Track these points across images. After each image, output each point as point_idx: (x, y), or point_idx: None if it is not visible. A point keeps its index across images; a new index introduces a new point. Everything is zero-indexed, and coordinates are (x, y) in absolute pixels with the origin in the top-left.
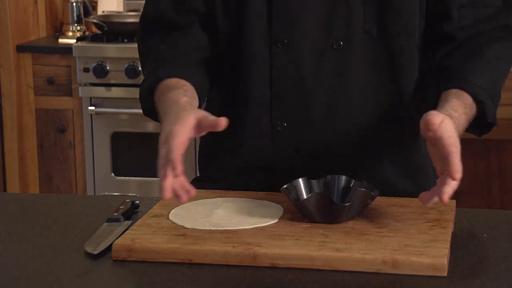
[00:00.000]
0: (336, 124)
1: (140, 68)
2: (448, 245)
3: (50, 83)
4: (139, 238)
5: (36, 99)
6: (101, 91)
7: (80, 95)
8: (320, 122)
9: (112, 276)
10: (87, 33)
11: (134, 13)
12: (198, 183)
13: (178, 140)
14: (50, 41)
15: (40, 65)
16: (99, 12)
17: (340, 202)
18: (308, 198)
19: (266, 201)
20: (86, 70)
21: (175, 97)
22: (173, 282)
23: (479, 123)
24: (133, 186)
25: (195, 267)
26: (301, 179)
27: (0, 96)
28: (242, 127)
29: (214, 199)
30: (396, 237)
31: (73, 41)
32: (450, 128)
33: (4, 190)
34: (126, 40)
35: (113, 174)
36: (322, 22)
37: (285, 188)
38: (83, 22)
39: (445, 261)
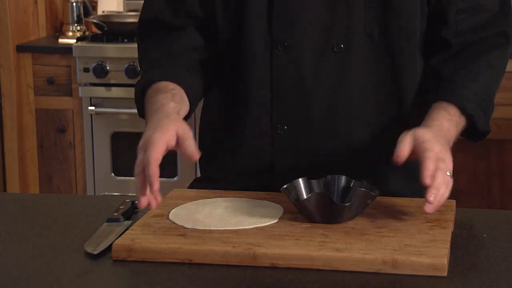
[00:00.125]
0: (336, 126)
1: (139, 69)
2: (448, 245)
3: (50, 83)
4: (139, 238)
5: (36, 99)
6: (101, 91)
7: (80, 95)
8: (320, 123)
9: (112, 276)
10: (87, 33)
11: (134, 13)
12: (199, 183)
13: (155, 152)
14: (50, 41)
15: (40, 65)
16: (99, 12)
17: (340, 202)
18: (308, 198)
19: (266, 201)
20: (86, 70)
21: (162, 101)
22: (173, 282)
23: (472, 131)
24: (133, 186)
25: (195, 267)
26: (301, 179)
27: (0, 96)
28: (242, 127)
29: (214, 199)
30: (396, 237)
31: (73, 41)
32: (423, 135)
33: (4, 190)
34: (126, 40)
35: (113, 174)
36: (322, 24)
37: (285, 188)
38: (83, 22)
39: (445, 261)
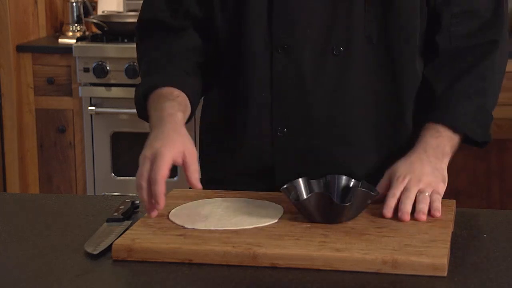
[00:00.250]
0: (336, 127)
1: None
2: (448, 245)
3: (50, 83)
4: (139, 238)
5: (36, 99)
6: (101, 91)
7: (80, 95)
8: (320, 125)
9: (112, 276)
10: (87, 33)
11: (134, 13)
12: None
13: (163, 169)
14: (50, 41)
15: (40, 65)
16: (99, 12)
17: (340, 202)
18: (308, 198)
19: (266, 201)
20: (86, 70)
21: (169, 109)
22: (173, 282)
23: (472, 141)
24: (133, 186)
25: (195, 267)
26: (301, 179)
27: (0, 96)
28: (242, 128)
29: (214, 199)
30: (396, 237)
31: (73, 41)
32: (395, 171)
33: (4, 190)
34: (126, 40)
35: (113, 174)
36: (322, 26)
37: (285, 188)
38: (83, 22)
39: (445, 261)
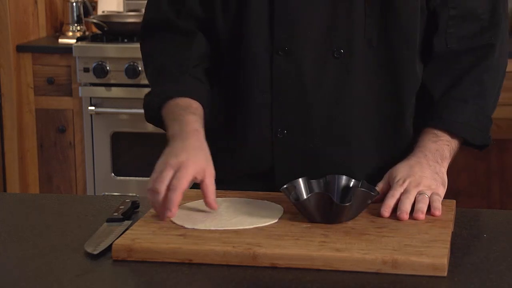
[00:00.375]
0: (336, 130)
1: (140, 68)
2: (448, 245)
3: (50, 83)
4: (139, 238)
5: (36, 99)
6: (101, 91)
7: (80, 95)
8: (320, 128)
9: (112, 276)
10: (87, 33)
11: (134, 13)
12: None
13: (185, 181)
14: (50, 41)
15: (40, 65)
16: (99, 12)
17: (340, 202)
18: (308, 198)
19: (266, 201)
20: (86, 70)
21: (193, 124)
22: (173, 282)
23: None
24: (133, 186)
25: (195, 267)
26: (301, 179)
27: (0, 96)
28: (242, 130)
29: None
30: (396, 237)
31: (73, 41)
32: (394, 174)
33: (4, 190)
34: (126, 40)
35: (113, 174)
36: (323, 30)
37: (285, 188)
38: (83, 22)
39: (445, 261)
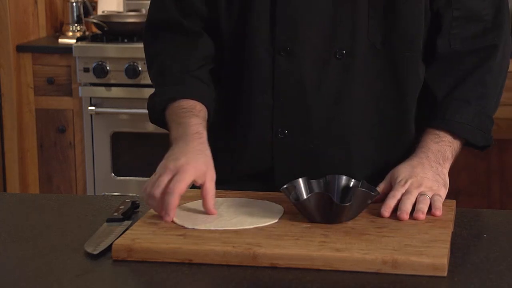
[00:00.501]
0: (336, 133)
1: (140, 68)
2: (448, 245)
3: (50, 83)
4: (139, 238)
5: (36, 99)
6: (101, 91)
7: (80, 95)
8: (321, 129)
9: (112, 276)
10: (87, 33)
11: (134, 13)
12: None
13: (183, 184)
14: (50, 41)
15: (40, 65)
16: (99, 12)
17: (340, 202)
18: (308, 198)
19: (267, 201)
20: (86, 70)
21: (195, 126)
22: (173, 282)
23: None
24: (133, 186)
25: (195, 267)
26: (301, 179)
27: (0, 96)
28: (243, 130)
29: (215, 199)
30: (396, 237)
31: (73, 41)
32: (396, 174)
33: (4, 190)
34: (126, 40)
35: (113, 174)
36: (326, 31)
37: (285, 188)
38: (83, 22)
39: (445, 261)
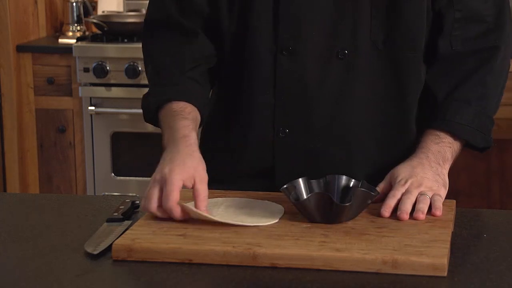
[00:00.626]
0: (338, 133)
1: (140, 68)
2: (448, 245)
3: (50, 83)
4: (139, 238)
5: (36, 99)
6: (101, 91)
7: (80, 95)
8: (322, 129)
9: (112, 276)
10: (87, 33)
11: (134, 13)
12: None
13: (174, 195)
14: (50, 41)
15: (40, 65)
16: (99, 12)
17: (340, 202)
18: (308, 198)
19: (267, 201)
20: (86, 70)
21: (183, 129)
22: (173, 282)
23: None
24: (133, 186)
25: (195, 267)
26: (301, 179)
27: (0, 96)
28: (244, 129)
29: (215, 199)
30: (396, 237)
31: (73, 41)
32: (396, 174)
33: (4, 190)
34: (126, 40)
35: (113, 174)
36: (328, 30)
37: (285, 188)
38: (83, 22)
39: (445, 261)
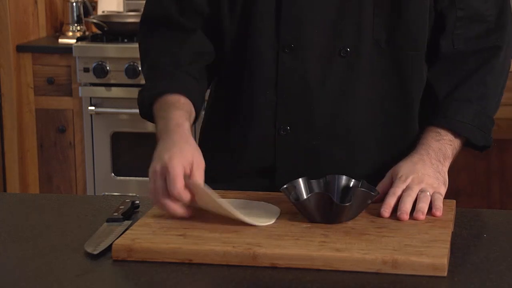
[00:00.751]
0: (339, 131)
1: (140, 68)
2: (448, 245)
3: (50, 83)
4: (139, 238)
5: (36, 99)
6: (101, 91)
7: (80, 95)
8: (324, 128)
9: (112, 276)
10: (87, 33)
11: (134, 13)
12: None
13: (179, 182)
14: (50, 41)
15: (40, 65)
16: (99, 12)
17: (340, 202)
18: (308, 198)
19: (263, 202)
20: (86, 70)
21: (178, 119)
22: (173, 282)
23: (473, 145)
24: (133, 186)
25: (195, 267)
26: (301, 179)
27: (0, 96)
28: (245, 128)
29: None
30: (396, 237)
31: (73, 41)
32: (397, 171)
33: (4, 190)
34: (126, 40)
35: (113, 174)
36: (331, 29)
37: (285, 188)
38: (83, 22)
39: (445, 261)
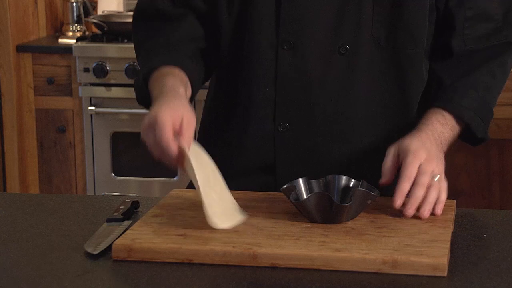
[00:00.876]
0: (338, 128)
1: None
2: (448, 245)
3: (50, 83)
4: (139, 238)
5: (36, 99)
6: (101, 91)
7: (80, 95)
8: (323, 125)
9: (112, 276)
10: (87, 33)
11: None
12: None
13: (166, 133)
14: (50, 41)
15: (40, 65)
16: (99, 12)
17: (340, 202)
18: (308, 198)
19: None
20: (86, 70)
21: (172, 85)
22: (173, 282)
23: (470, 137)
24: (133, 186)
25: (195, 267)
26: (301, 179)
27: (0, 96)
28: (244, 125)
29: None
30: (396, 237)
31: (73, 41)
32: (407, 147)
33: (4, 190)
34: (126, 40)
35: (113, 174)
36: (330, 26)
37: (285, 188)
38: (83, 22)
39: (445, 261)
